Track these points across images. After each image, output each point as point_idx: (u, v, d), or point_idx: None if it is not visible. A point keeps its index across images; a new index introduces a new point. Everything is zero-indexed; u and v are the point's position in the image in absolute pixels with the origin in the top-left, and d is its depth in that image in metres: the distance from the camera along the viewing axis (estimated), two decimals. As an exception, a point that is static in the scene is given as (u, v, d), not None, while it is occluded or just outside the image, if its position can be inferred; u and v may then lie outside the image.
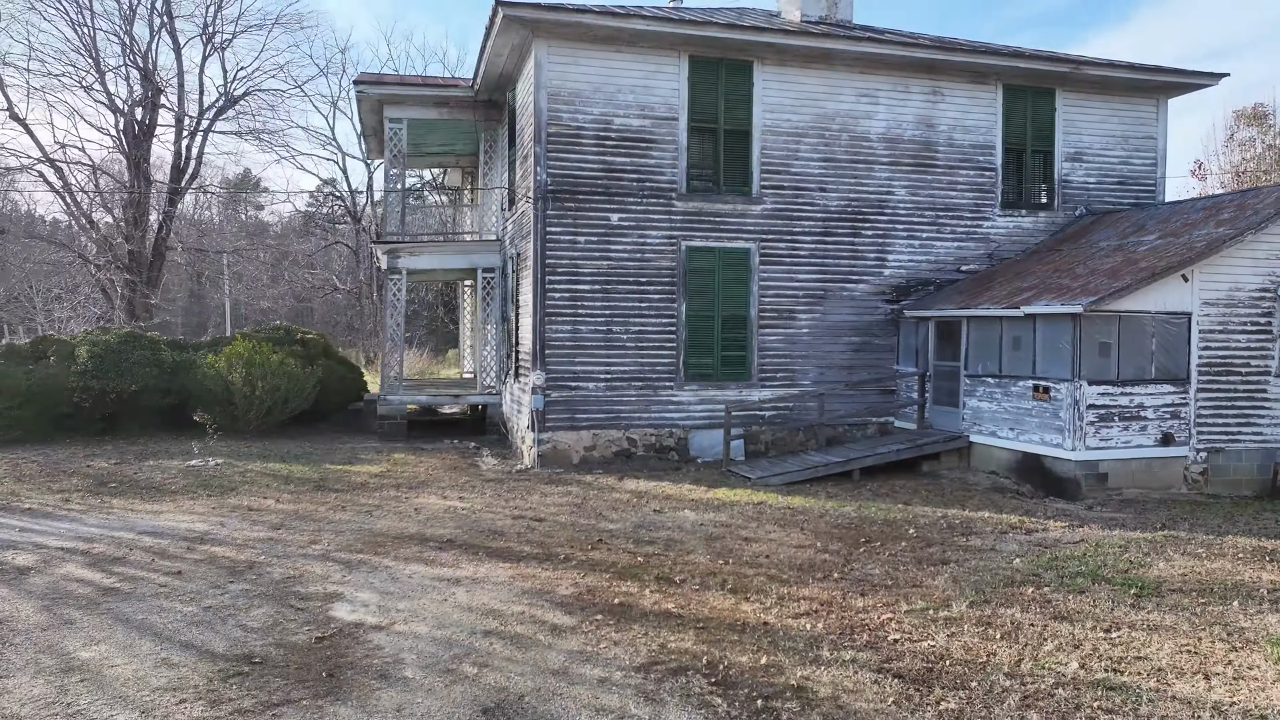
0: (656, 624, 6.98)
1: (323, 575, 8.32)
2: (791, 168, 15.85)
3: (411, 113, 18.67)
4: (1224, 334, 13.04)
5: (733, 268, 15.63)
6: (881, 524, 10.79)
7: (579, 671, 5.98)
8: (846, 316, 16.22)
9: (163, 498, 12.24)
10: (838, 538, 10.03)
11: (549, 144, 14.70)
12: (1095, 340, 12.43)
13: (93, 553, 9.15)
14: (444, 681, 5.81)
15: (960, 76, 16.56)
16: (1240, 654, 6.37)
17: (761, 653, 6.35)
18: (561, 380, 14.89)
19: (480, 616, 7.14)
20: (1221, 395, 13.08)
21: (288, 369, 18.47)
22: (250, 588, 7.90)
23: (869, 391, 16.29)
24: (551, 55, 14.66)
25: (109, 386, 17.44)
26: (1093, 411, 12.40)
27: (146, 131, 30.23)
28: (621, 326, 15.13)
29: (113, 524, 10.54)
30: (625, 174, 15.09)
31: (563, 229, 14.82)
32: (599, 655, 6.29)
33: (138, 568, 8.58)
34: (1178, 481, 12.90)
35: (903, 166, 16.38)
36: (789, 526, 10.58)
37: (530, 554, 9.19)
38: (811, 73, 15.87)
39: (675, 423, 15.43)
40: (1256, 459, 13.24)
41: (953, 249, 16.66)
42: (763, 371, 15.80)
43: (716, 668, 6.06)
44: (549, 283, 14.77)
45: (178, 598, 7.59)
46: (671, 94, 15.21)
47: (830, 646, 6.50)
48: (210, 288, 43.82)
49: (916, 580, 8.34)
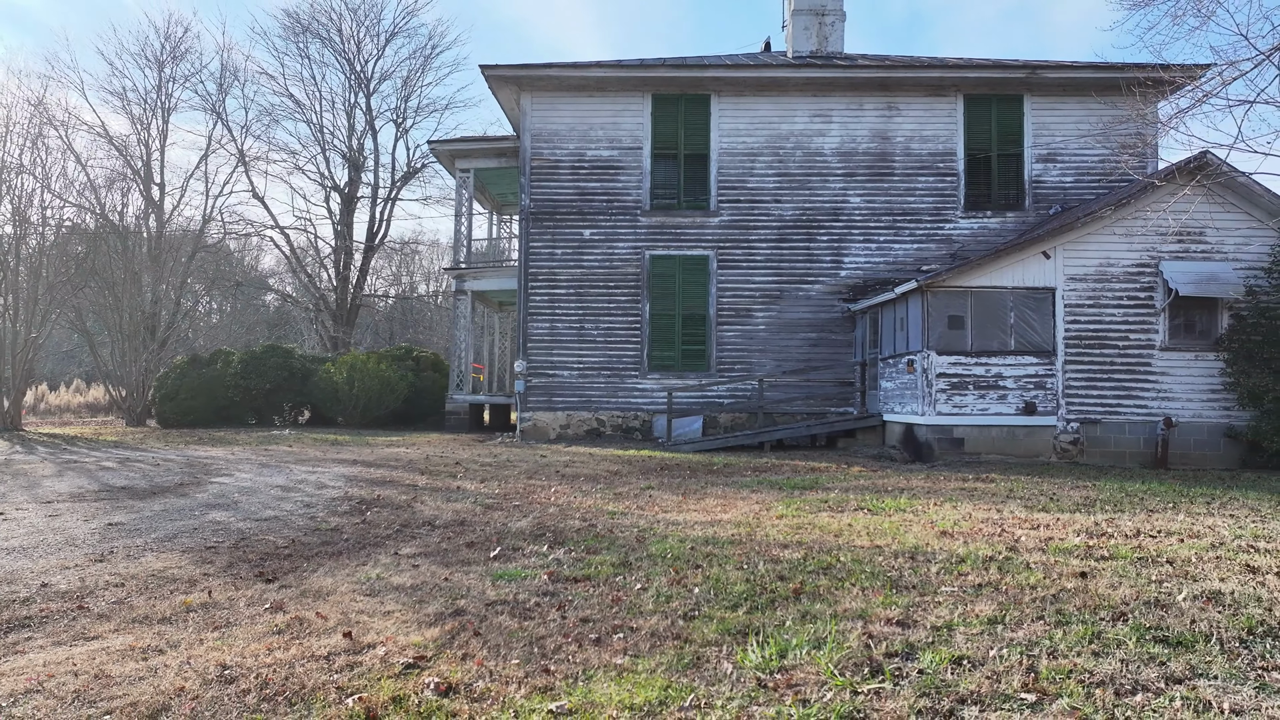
0: (395, 479, 9.80)
1: (227, 461, 11.94)
2: (747, 183, 17.93)
3: (477, 163, 22.81)
4: (1095, 308, 13.38)
5: (693, 272, 17.89)
6: (705, 466, 12.66)
7: (313, 477, 9.01)
8: (803, 314, 17.80)
9: (225, 445, 16.70)
10: (651, 470, 12.10)
11: (532, 175, 18.02)
12: (944, 314, 13.41)
13: (165, 459, 13.49)
14: (257, 469, 9.08)
15: (916, 91, 17.82)
16: (842, 516, 8.05)
17: (452, 481, 9.00)
18: (540, 369, 17.87)
19: (306, 473, 10.35)
20: (1095, 368, 13.36)
21: (381, 374, 22.97)
22: (191, 469, 11.68)
23: (826, 383, 17.64)
24: (535, 104, 18.07)
25: (252, 385, 22.85)
26: (943, 380, 13.33)
27: (350, 203, 37.39)
28: (593, 324, 17.89)
29: (173, 453, 15.00)
30: (596, 196, 18.01)
31: (543, 244, 17.97)
32: (324, 481, 9.26)
33: (164, 463, 12.73)
34: (1046, 450, 13.31)
35: (858, 177, 17.84)
36: (618, 463, 12.77)
37: (389, 467, 12.26)
38: (765, 99, 17.97)
39: (640, 407, 17.80)
40: (1142, 431, 13.27)
41: (912, 250, 17.71)
42: (721, 363, 17.77)
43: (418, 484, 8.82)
44: (530, 288, 17.93)
45: (155, 473, 11.52)
46: (637, 127, 18.01)
47: (500, 503, 8.98)
48: (387, 323, 51.12)
49: (638, 484, 10.41)
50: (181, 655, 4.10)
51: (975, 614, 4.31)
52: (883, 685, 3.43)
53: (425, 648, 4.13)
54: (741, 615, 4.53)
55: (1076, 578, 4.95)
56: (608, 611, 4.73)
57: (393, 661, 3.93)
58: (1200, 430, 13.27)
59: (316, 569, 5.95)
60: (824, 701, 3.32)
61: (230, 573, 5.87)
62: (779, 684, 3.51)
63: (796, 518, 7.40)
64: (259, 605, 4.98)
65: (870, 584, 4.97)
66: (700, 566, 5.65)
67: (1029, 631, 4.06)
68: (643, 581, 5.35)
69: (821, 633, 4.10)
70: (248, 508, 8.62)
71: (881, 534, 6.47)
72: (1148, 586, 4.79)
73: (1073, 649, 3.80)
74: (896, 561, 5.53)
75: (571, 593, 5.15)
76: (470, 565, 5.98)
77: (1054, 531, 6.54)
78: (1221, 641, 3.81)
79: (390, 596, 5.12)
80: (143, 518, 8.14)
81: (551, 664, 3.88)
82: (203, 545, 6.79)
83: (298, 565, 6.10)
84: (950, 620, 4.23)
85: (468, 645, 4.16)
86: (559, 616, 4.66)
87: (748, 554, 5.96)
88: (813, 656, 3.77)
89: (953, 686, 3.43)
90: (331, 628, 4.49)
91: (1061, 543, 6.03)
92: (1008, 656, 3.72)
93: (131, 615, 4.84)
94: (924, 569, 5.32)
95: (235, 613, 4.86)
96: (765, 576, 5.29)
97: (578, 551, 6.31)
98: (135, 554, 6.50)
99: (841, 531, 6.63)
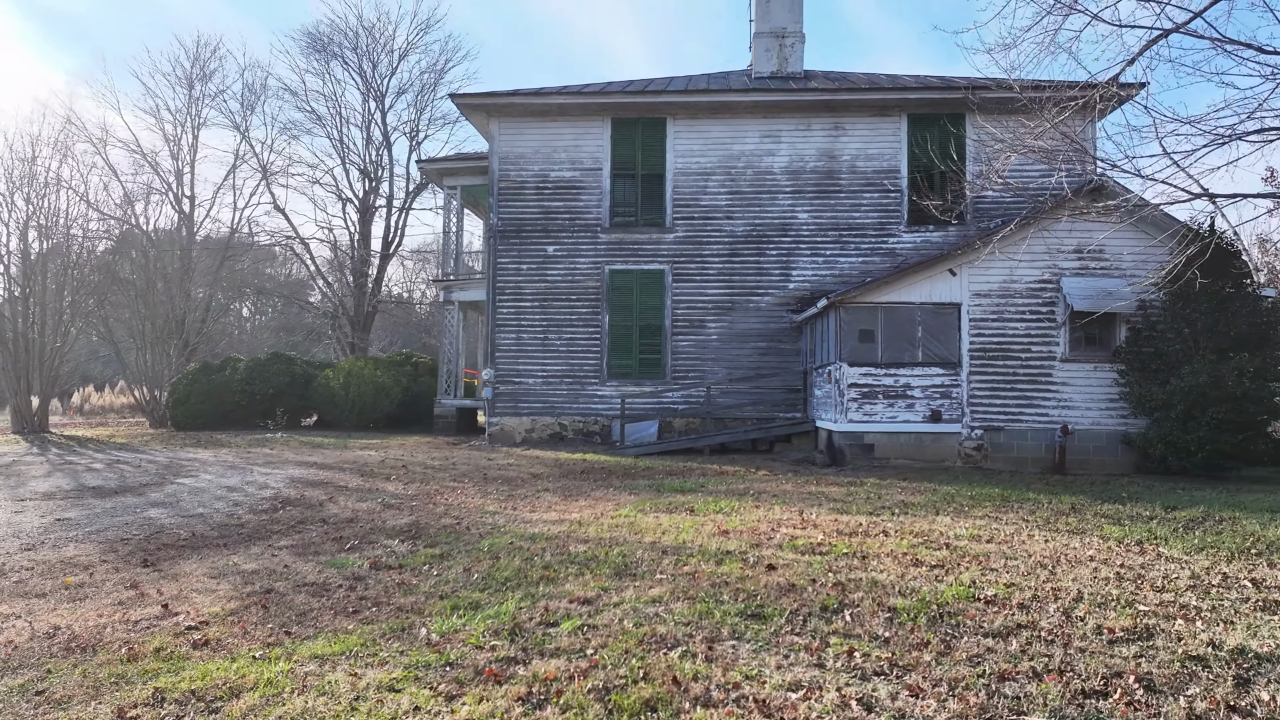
0: (346, 482, 11.14)
1: (202, 463, 13.40)
2: (701, 201, 18.99)
3: (463, 180, 24.16)
4: (999, 322, 14.22)
5: (649, 286, 19.00)
6: (628, 469, 13.79)
7: (263, 479, 10.39)
8: (753, 325, 18.81)
9: (216, 447, 18.26)
10: (571, 474, 13.27)
11: (500, 196, 19.30)
12: (855, 328, 14.36)
13: (152, 460, 15.06)
14: (222, 471, 10.51)
15: (862, 112, 18.71)
16: (677, 516, 9.20)
17: (382, 483, 10.31)
18: (507, 376, 19.14)
19: (262, 474, 11.74)
20: (999, 378, 14.20)
21: (375, 380, 24.47)
22: (166, 471, 13.16)
23: (775, 389, 18.62)
24: (502, 129, 19.34)
25: (256, 390, 24.51)
26: (854, 389, 14.28)
27: (367, 213, 39.16)
28: (556, 334, 19.11)
29: (164, 454, 16.58)
30: (560, 214, 19.22)
31: (510, 260, 19.24)
32: (268, 482, 10.63)
33: (146, 465, 14.29)
34: (951, 456, 14.19)
35: (806, 194, 18.80)
36: (549, 466, 13.97)
37: (340, 469, 13.62)
38: (718, 121, 19.01)
39: (600, 412, 18.97)
40: (1043, 439, 14.08)
41: (857, 263, 18.61)
42: (676, 371, 18.87)
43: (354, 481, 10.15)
44: (498, 301, 19.21)
45: (131, 475, 13.03)
46: (598, 149, 19.18)
47: (403, 504, 10.27)
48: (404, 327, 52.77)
49: (540, 488, 11.61)
50: (31, 619, 5.39)
51: (647, 595, 5.42)
52: (499, 642, 4.58)
53: (216, 616, 5.37)
54: (482, 595, 5.69)
55: (765, 569, 6.02)
56: (389, 591, 5.92)
57: (181, 625, 5.18)
58: (1099, 437, 14.03)
59: (191, 557, 7.24)
60: (457, 652, 4.48)
61: (124, 560, 7.19)
62: (439, 643, 4.67)
63: (628, 518, 8.51)
64: (121, 585, 6.27)
65: (600, 571, 6.10)
66: (499, 558, 6.81)
67: (664, 607, 5.16)
68: (441, 569, 6.53)
69: (509, 607, 5.25)
70: (185, 506, 9.99)
71: (670, 532, 7.56)
72: (804, 575, 5.83)
73: (679, 619, 4.89)
74: (648, 554, 6.64)
75: (376, 578, 6.35)
76: (319, 555, 7.22)
77: (817, 531, 7.55)
78: (791, 616, 4.87)
79: (228, 579, 6.38)
80: (91, 514, 9.55)
81: (296, 627, 5.09)
82: (119, 538, 8.15)
83: (182, 554, 7.40)
84: (622, 600, 5.35)
85: (247, 614, 5.39)
86: (345, 594, 5.87)
87: (550, 547, 7.10)
88: (479, 623, 4.93)
89: (550, 642, 4.56)
90: (157, 601, 5.76)
91: (805, 540, 7.07)
92: (619, 623, 4.83)
93: (18, 590, 6.16)
94: (660, 560, 6.42)
95: (98, 590, 6.15)
96: (537, 566, 6.44)
97: (419, 545, 7.52)
98: (60, 545, 7.87)
99: (645, 530, 7.74)
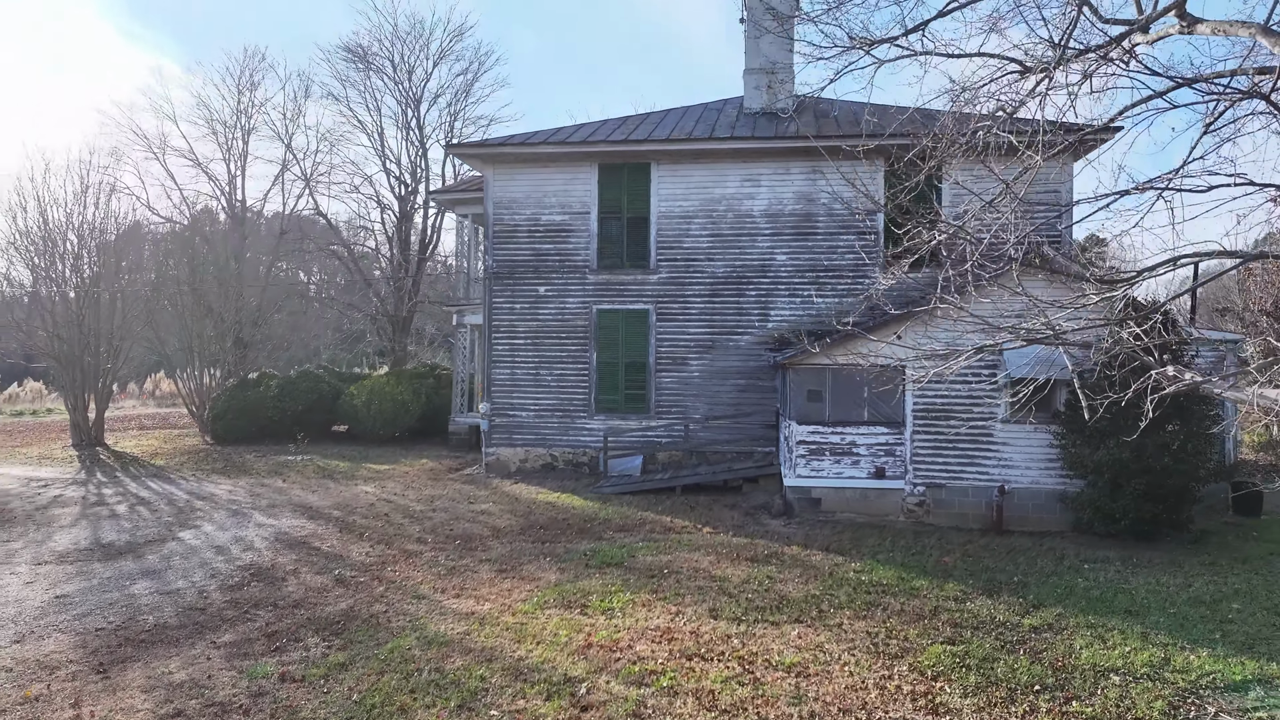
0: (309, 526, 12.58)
1: (214, 503, 15.01)
2: (683, 244, 19.78)
3: (473, 209, 25.33)
4: (942, 384, 14.80)
5: (634, 325, 19.95)
6: (590, 518, 14.90)
7: (250, 536, 11.90)
8: (733, 363, 19.63)
9: (238, 475, 19.99)
10: (535, 526, 14.43)
11: (494, 239, 20.40)
12: (804, 388, 15.11)
13: (171, 501, 16.84)
14: (224, 521, 12.07)
15: (840, 155, 19.15)
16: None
17: (351, 544, 11.72)
18: (502, 409, 20.38)
19: (255, 528, 13.28)
20: (941, 437, 14.82)
21: (395, 397, 26.02)
22: (173, 518, 14.81)
23: (754, 424, 19.45)
24: (496, 175, 20.38)
25: (287, 406, 26.31)
26: (803, 446, 15.08)
27: (405, 218, 40.73)
28: (547, 370, 20.24)
29: (187, 486, 18.36)
30: (550, 256, 20.24)
31: (504, 300, 20.38)
32: (254, 541, 12.12)
33: (163, 508, 16.03)
34: (895, 511, 14.92)
35: (784, 236, 19.43)
36: (518, 515, 15.18)
37: (326, 520, 15.08)
38: (701, 166, 19.71)
39: (588, 444, 20.10)
40: (984, 496, 14.69)
41: (834, 304, 19.20)
42: (659, 406, 19.84)
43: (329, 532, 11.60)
44: (494, 338, 20.40)
45: (142, 525, 14.74)
46: (586, 194, 20.08)
47: (354, 578, 11.64)
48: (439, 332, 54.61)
49: (494, 543, 12.85)
50: (-17, 746, 6.80)
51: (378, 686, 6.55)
52: None
53: (123, 746, 6.69)
54: None
55: (580, 710, 7.08)
56: (274, 717, 7.17)
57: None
58: (1039, 495, 14.59)
59: (142, 657, 8.63)
60: None
61: (87, 660, 8.62)
62: None
63: (526, 615, 9.59)
64: (68, 703, 7.65)
65: (448, 702, 7.24)
66: (383, 674, 8.01)
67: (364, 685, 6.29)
68: (331, 686, 7.76)
69: None
70: (167, 577, 11.48)
71: (544, 643, 8.60)
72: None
73: None
74: (501, 680, 7.72)
75: (275, 694, 7.61)
76: (246, 658, 8.54)
77: (666, 649, 8.53)
78: None
79: (154, 695, 7.71)
80: (88, 588, 11.11)
81: None
82: (96, 628, 9.61)
83: (139, 652, 8.80)
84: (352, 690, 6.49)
85: (146, 747, 6.70)
86: (249, 703, 7.15)
87: (435, 659, 8.27)
88: None
89: None
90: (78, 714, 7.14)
91: (644, 665, 8.08)
92: None
93: (-14, 704, 7.61)
94: (504, 690, 7.52)
95: (49, 705, 7.55)
96: (405, 690, 7.61)
97: (333, 647, 8.78)
98: (46, 635, 9.37)
99: (525, 638, 8.79)
